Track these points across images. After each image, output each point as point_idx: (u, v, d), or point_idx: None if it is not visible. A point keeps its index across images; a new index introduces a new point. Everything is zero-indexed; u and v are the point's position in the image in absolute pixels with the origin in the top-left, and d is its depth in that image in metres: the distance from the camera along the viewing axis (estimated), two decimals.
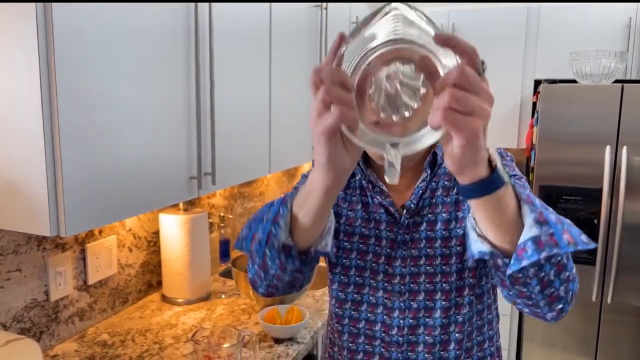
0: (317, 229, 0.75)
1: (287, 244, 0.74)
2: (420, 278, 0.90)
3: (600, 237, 2.48)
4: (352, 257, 0.94)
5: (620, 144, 2.43)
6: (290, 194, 0.78)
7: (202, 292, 1.74)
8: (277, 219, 0.74)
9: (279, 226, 0.73)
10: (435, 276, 0.90)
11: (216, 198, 2.12)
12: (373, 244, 0.93)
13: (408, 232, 0.91)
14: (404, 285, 0.91)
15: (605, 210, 2.46)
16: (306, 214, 0.72)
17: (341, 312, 0.97)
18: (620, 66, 2.48)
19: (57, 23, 0.96)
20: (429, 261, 0.90)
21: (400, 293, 0.91)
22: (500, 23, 2.89)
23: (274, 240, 0.74)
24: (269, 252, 0.75)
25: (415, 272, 0.90)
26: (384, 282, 0.92)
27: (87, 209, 1.07)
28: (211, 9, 1.38)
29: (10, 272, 1.28)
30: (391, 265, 0.92)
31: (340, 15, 2.41)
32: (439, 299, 0.90)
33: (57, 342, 1.42)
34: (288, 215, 0.74)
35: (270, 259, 0.76)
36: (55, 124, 0.98)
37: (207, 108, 1.42)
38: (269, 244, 0.74)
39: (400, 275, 0.91)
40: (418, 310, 0.91)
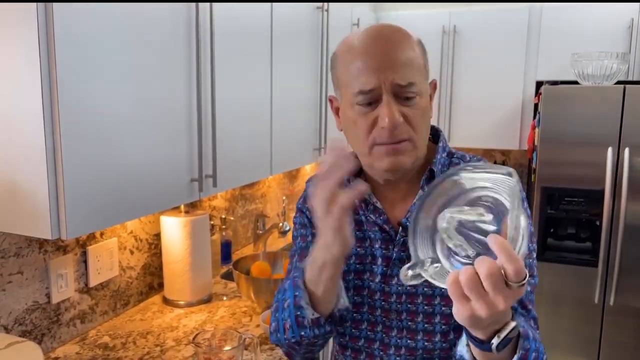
0: (334, 293, 0.84)
1: (315, 319, 0.83)
2: (418, 299, 0.89)
3: (602, 239, 2.47)
4: (350, 279, 0.93)
5: (622, 145, 2.42)
6: (297, 273, 0.86)
7: (204, 295, 1.74)
8: (298, 303, 0.83)
9: (303, 308, 0.83)
10: (434, 298, 0.88)
11: (217, 200, 2.12)
12: (369, 263, 0.92)
13: (404, 249, 0.89)
14: (400, 305, 0.90)
15: (607, 211, 2.45)
16: (325, 288, 0.81)
17: (342, 329, 0.96)
18: (622, 67, 2.47)
19: (58, 26, 0.96)
20: (426, 282, 0.89)
21: (397, 312, 0.90)
22: (502, 24, 2.89)
23: (303, 321, 0.83)
24: (303, 332, 0.84)
25: (413, 292, 0.89)
26: (381, 301, 0.91)
27: (88, 211, 1.07)
28: (212, 10, 1.38)
29: (12, 274, 1.28)
30: (387, 283, 0.91)
31: (342, 17, 2.41)
32: (438, 323, 0.88)
33: (59, 345, 1.42)
34: (306, 294, 0.83)
35: (307, 337, 0.85)
36: (56, 127, 0.98)
37: (208, 110, 1.43)
38: (300, 326, 0.83)
39: (396, 294, 0.90)
40: (416, 332, 0.89)
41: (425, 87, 0.86)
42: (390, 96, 0.81)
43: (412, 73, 0.82)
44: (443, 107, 3.06)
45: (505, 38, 2.89)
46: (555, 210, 2.57)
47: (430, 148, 0.94)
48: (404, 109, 0.82)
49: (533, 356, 0.71)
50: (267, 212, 2.57)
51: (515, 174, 0.62)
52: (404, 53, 0.82)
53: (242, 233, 2.36)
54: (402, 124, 0.81)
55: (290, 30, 1.89)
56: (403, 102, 0.82)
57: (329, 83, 2.25)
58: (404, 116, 0.82)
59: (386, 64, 0.81)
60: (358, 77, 0.82)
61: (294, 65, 1.95)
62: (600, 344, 2.56)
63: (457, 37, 2.98)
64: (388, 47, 0.82)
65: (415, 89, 0.82)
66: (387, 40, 0.83)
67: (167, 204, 1.30)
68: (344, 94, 0.87)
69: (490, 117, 2.98)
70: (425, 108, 0.85)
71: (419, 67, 0.84)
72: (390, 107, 0.80)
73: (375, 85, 0.81)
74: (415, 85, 0.82)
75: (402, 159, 0.84)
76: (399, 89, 0.81)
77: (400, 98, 0.82)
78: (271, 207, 2.62)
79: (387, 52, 0.82)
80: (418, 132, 0.84)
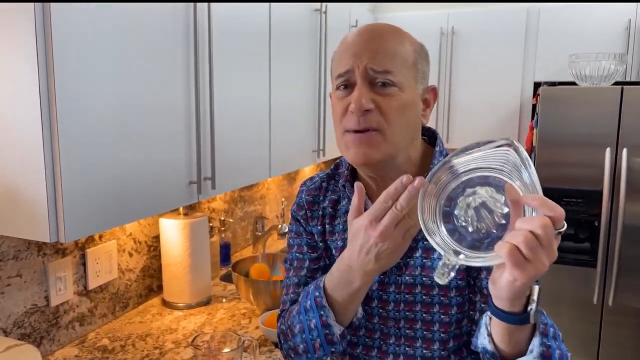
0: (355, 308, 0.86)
1: (342, 333, 0.85)
2: (417, 307, 0.88)
3: (601, 239, 2.47)
4: None
5: (620, 145, 2.42)
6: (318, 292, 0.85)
7: (203, 297, 1.74)
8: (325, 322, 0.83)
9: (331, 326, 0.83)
10: (432, 306, 0.87)
11: (216, 202, 2.12)
12: None
13: (402, 257, 0.87)
14: (398, 312, 0.89)
15: (605, 212, 2.45)
16: (355, 306, 0.84)
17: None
18: (619, 68, 2.48)
19: (56, 28, 0.96)
20: (425, 290, 0.87)
21: (395, 320, 0.89)
22: (500, 25, 2.89)
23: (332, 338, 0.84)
24: (334, 348, 0.86)
25: (411, 300, 0.88)
26: (378, 309, 0.90)
27: (87, 214, 1.07)
28: (210, 12, 1.38)
29: (11, 277, 1.28)
30: (385, 291, 0.90)
31: (340, 19, 2.41)
32: (437, 331, 0.87)
33: (58, 348, 1.42)
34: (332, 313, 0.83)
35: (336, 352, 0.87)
36: (54, 130, 0.99)
37: (206, 112, 1.43)
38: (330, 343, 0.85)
39: (394, 302, 0.89)
40: (415, 340, 0.88)
41: (409, 83, 0.83)
42: (364, 81, 0.81)
43: (392, 63, 0.81)
44: (441, 108, 3.07)
45: (503, 39, 2.89)
46: None
47: (428, 151, 0.92)
48: (378, 97, 0.81)
49: (552, 331, 0.72)
50: (266, 214, 2.57)
51: (506, 141, 0.64)
52: (387, 43, 0.83)
53: (241, 235, 2.36)
54: (372, 112, 0.80)
55: (289, 32, 1.89)
56: (378, 89, 0.81)
57: (328, 84, 2.25)
58: (376, 105, 0.80)
59: (364, 50, 0.82)
60: (339, 63, 0.84)
61: (293, 66, 1.95)
62: (600, 344, 2.56)
63: (456, 38, 2.99)
64: (371, 37, 0.83)
65: (392, 78, 0.81)
66: (373, 32, 0.84)
67: (165, 207, 1.30)
68: (333, 83, 0.88)
69: (488, 118, 2.99)
70: (406, 103, 0.82)
71: (404, 61, 0.83)
72: (360, 91, 0.80)
73: (350, 68, 0.81)
74: (392, 74, 0.81)
75: (368, 151, 0.81)
76: (372, 74, 0.81)
77: (375, 85, 0.81)
78: (270, 208, 2.62)
79: (368, 40, 0.83)
80: (391, 125, 0.81)
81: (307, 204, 0.99)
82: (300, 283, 0.97)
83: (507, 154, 0.63)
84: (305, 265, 0.98)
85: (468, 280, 0.87)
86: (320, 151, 2.25)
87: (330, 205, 0.97)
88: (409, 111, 0.83)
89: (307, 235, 0.99)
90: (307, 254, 0.98)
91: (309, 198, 0.99)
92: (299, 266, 0.99)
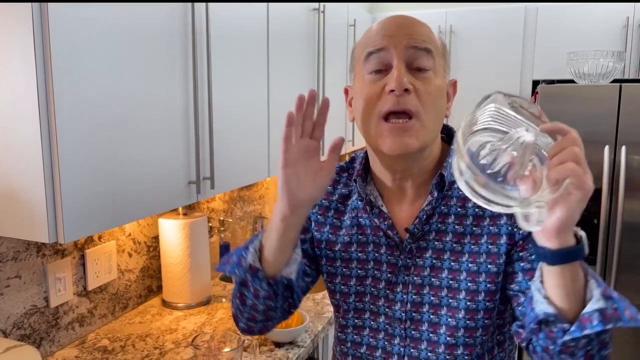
0: (281, 258, 0.81)
1: (254, 266, 0.81)
2: (424, 308, 0.86)
3: (600, 237, 2.48)
4: (352, 284, 0.91)
5: (619, 143, 2.43)
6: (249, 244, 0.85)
7: (203, 297, 1.74)
8: (247, 246, 0.83)
9: (248, 250, 0.82)
10: (440, 308, 0.85)
11: (216, 202, 2.12)
12: (372, 268, 0.89)
13: (411, 257, 0.86)
14: (405, 313, 0.87)
15: (604, 209, 2.46)
16: (270, 244, 0.80)
17: (344, 336, 0.95)
18: (618, 66, 2.48)
19: (53, 30, 0.96)
20: (433, 291, 0.85)
21: (401, 320, 0.88)
22: (498, 24, 2.89)
23: (243, 262, 0.81)
24: (237, 272, 0.82)
25: (418, 301, 0.86)
26: (385, 308, 0.89)
27: (86, 215, 1.07)
28: (208, 11, 1.38)
29: (10, 278, 1.28)
30: (392, 290, 0.88)
31: (338, 18, 2.41)
32: (444, 334, 0.85)
33: (58, 349, 1.42)
34: (258, 243, 0.82)
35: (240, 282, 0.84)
36: (52, 130, 0.98)
37: (205, 112, 1.43)
38: (239, 266, 0.82)
39: (401, 302, 0.87)
40: (420, 342, 0.87)
41: (440, 70, 0.82)
42: (402, 62, 0.78)
43: (431, 45, 0.80)
44: None
45: (501, 37, 2.90)
46: None
47: (443, 149, 0.90)
48: (415, 80, 0.79)
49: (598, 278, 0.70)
50: (265, 214, 2.57)
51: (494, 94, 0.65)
52: (422, 27, 0.82)
53: (240, 235, 2.36)
54: (411, 94, 0.78)
55: (287, 31, 1.89)
56: (415, 73, 0.79)
57: (326, 84, 2.25)
58: (414, 88, 0.78)
59: (402, 31, 0.80)
60: (370, 42, 0.81)
61: (291, 65, 1.95)
62: None
63: (454, 37, 2.99)
64: (405, 20, 0.82)
65: (430, 62, 0.79)
66: (405, 17, 0.83)
67: (165, 207, 1.30)
68: (357, 72, 0.85)
69: None
70: (439, 89, 0.81)
71: (437, 49, 0.82)
72: (399, 69, 0.77)
73: (385, 46, 0.79)
74: (432, 56, 0.80)
75: (407, 140, 0.78)
76: (413, 53, 0.78)
77: (412, 69, 0.79)
78: (270, 208, 2.62)
79: (404, 23, 0.81)
80: (427, 111, 0.79)
81: None
82: None
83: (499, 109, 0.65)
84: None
85: (499, 286, 0.84)
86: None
87: (339, 199, 0.95)
88: (440, 99, 0.82)
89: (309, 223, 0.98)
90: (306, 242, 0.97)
91: None
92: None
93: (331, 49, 2.32)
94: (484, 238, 0.84)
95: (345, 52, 2.53)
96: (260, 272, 0.81)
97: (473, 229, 0.84)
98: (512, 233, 0.83)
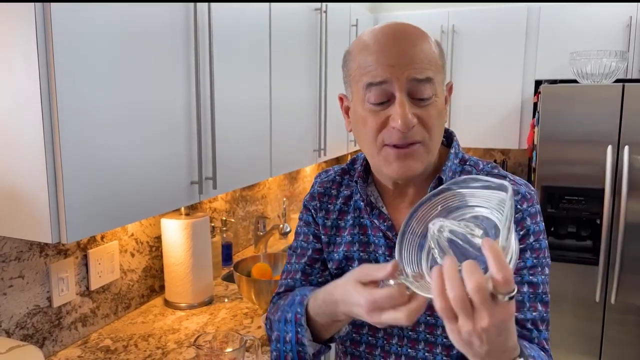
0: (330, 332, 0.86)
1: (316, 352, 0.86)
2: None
3: (603, 237, 2.47)
4: None
5: (622, 143, 2.42)
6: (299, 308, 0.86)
7: (205, 297, 1.74)
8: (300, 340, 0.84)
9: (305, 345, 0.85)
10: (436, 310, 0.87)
11: (218, 202, 2.12)
12: None
13: None
14: None
15: (607, 210, 2.45)
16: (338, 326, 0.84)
17: (344, 349, 0.97)
18: (620, 66, 2.47)
19: (56, 29, 0.96)
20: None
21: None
22: (500, 24, 2.89)
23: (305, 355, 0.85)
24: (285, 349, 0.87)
25: None
26: None
27: (88, 215, 1.07)
28: (210, 11, 1.38)
29: (13, 278, 1.28)
30: None
31: (340, 18, 2.41)
32: (440, 335, 0.86)
33: (60, 348, 1.42)
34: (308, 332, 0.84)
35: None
36: (55, 130, 0.99)
37: (207, 112, 1.43)
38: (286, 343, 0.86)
39: None
40: (417, 342, 0.88)
41: (441, 88, 0.82)
42: (404, 95, 0.77)
43: (431, 70, 0.78)
44: None
45: (504, 37, 2.89)
46: (555, 209, 2.57)
47: (442, 152, 0.90)
48: (418, 110, 0.78)
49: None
50: (267, 214, 2.57)
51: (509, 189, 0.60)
52: (422, 50, 0.78)
53: (242, 235, 2.36)
54: (415, 126, 0.77)
55: (289, 31, 1.89)
56: (418, 102, 0.78)
57: (328, 84, 2.25)
58: (417, 118, 0.77)
59: (402, 59, 0.76)
60: (369, 71, 0.78)
61: (293, 65, 1.95)
62: (602, 342, 2.56)
63: (456, 37, 2.99)
64: (404, 43, 0.78)
65: (432, 89, 0.78)
66: (403, 36, 0.79)
67: (167, 207, 1.30)
68: (354, 90, 0.83)
69: (489, 116, 2.98)
70: (441, 110, 0.81)
71: (437, 67, 0.80)
72: (403, 106, 0.76)
73: (387, 78, 0.76)
74: (433, 83, 0.78)
75: (412, 164, 0.79)
76: (415, 84, 0.76)
77: (415, 99, 0.78)
78: (272, 208, 2.62)
79: (404, 47, 0.77)
80: (432, 136, 0.79)
81: (317, 195, 0.99)
82: (299, 269, 0.99)
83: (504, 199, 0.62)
84: (307, 253, 0.99)
85: None
86: (321, 151, 2.25)
87: (342, 201, 0.97)
88: (443, 118, 0.82)
89: (315, 225, 0.99)
90: (311, 244, 0.99)
91: (320, 190, 1.00)
92: (302, 254, 0.99)
93: (333, 49, 2.32)
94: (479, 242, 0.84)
95: None
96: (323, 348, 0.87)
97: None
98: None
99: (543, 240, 0.84)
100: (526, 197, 0.84)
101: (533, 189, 0.87)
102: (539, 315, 0.82)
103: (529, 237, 0.82)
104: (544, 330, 0.82)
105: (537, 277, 0.82)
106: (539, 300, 0.82)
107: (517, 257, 0.59)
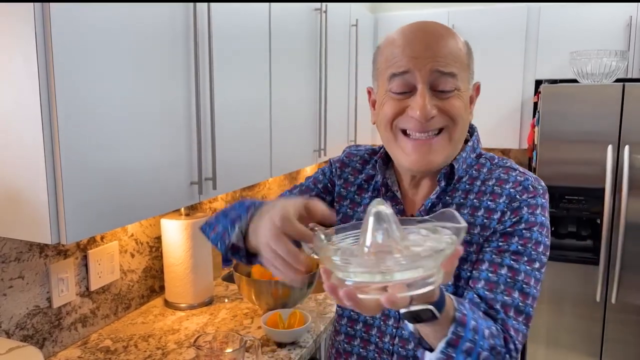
0: None
1: (237, 245, 0.80)
2: None
3: (603, 237, 2.47)
4: None
5: (622, 143, 2.42)
6: (260, 202, 0.82)
7: (205, 297, 1.74)
8: (235, 222, 0.80)
9: (234, 229, 0.80)
10: None
11: (218, 202, 2.12)
12: None
13: None
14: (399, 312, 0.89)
15: (608, 209, 2.45)
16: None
17: (338, 327, 0.97)
18: (621, 65, 2.47)
19: (55, 29, 0.96)
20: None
21: (395, 319, 0.90)
22: (501, 23, 2.89)
23: (227, 238, 0.81)
24: (219, 246, 0.84)
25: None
26: None
27: (88, 215, 1.07)
28: (210, 11, 1.38)
29: (13, 279, 1.28)
30: None
31: (340, 18, 2.41)
32: None
33: (60, 349, 1.42)
34: (245, 223, 0.79)
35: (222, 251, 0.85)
36: (54, 131, 0.99)
37: (207, 112, 1.43)
38: (222, 240, 0.83)
39: None
40: (408, 342, 0.88)
41: (466, 87, 0.82)
42: (426, 87, 0.78)
43: (455, 67, 0.79)
44: None
45: (504, 37, 2.89)
46: (555, 209, 2.57)
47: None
48: (440, 102, 0.78)
49: (466, 345, 0.67)
50: None
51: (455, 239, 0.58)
52: (447, 45, 0.79)
53: None
54: (435, 117, 0.78)
55: (289, 31, 1.89)
56: (439, 94, 0.79)
57: (328, 84, 2.25)
58: (438, 109, 0.78)
59: (426, 52, 0.78)
60: (394, 63, 0.80)
61: (293, 66, 1.95)
62: (603, 342, 2.55)
63: None
64: (429, 37, 0.79)
65: (454, 83, 0.78)
66: (429, 31, 0.81)
67: (167, 207, 1.30)
68: (380, 83, 0.85)
69: (489, 116, 2.98)
70: (462, 107, 0.81)
71: (462, 65, 0.81)
72: (424, 97, 0.77)
73: (409, 69, 0.78)
74: (456, 78, 0.79)
75: (431, 157, 0.80)
76: (438, 77, 0.77)
77: (436, 91, 0.78)
78: None
79: (428, 41, 0.79)
80: (456, 123, 0.80)
81: (340, 164, 1.02)
82: None
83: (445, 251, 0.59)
84: (311, 194, 1.01)
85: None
86: (321, 151, 2.25)
87: (364, 177, 0.98)
88: (465, 113, 0.83)
89: (330, 181, 1.02)
90: (317, 189, 1.01)
91: (346, 160, 1.02)
92: (305, 191, 1.02)
93: (333, 49, 2.32)
94: (477, 229, 0.85)
95: (347, 52, 2.53)
96: (242, 251, 0.81)
97: (469, 218, 0.86)
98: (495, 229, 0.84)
99: (537, 232, 0.82)
100: (528, 189, 0.84)
101: (542, 184, 0.87)
102: (513, 302, 0.79)
103: (520, 224, 0.82)
104: (513, 319, 0.78)
105: (520, 265, 0.80)
106: (517, 288, 0.79)
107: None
